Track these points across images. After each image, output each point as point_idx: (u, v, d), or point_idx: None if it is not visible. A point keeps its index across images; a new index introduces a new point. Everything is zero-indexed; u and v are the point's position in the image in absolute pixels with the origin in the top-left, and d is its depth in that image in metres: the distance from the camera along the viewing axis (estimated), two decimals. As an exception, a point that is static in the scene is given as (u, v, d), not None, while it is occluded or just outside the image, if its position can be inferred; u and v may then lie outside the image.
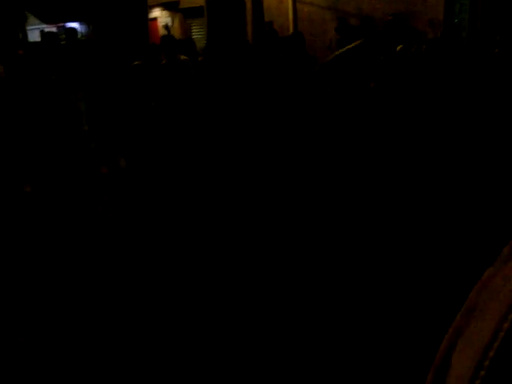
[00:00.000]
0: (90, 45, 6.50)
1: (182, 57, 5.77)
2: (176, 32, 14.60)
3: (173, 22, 15.58)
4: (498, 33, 7.27)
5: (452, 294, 3.26)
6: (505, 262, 0.41)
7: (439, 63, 5.20)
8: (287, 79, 4.93)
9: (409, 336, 3.18)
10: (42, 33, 8.02)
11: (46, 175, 4.45)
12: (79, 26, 14.69)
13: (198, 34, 14.54)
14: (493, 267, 0.43)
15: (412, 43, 7.04)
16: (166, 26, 14.72)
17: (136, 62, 5.42)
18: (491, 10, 9.12)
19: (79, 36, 11.32)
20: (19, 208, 4.26)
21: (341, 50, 5.13)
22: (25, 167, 4.37)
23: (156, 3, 14.85)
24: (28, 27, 14.45)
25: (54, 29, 14.39)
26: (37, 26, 15.86)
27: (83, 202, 4.25)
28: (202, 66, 5.82)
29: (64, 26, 12.97)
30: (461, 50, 5.88)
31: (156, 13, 15.65)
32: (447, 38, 5.68)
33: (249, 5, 11.80)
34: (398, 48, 7.13)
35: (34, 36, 15.18)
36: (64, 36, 7.05)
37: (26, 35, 13.29)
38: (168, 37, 6.89)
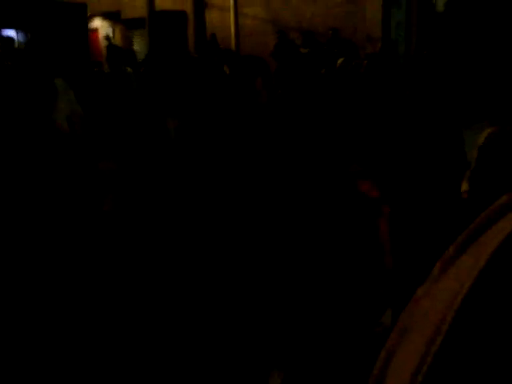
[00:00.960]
0: (28, 55, 6.33)
1: (128, 69, 5.69)
2: (117, 43, 14.40)
3: (114, 32, 15.37)
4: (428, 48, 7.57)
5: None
6: (434, 282, 0.41)
7: (377, 78, 5.34)
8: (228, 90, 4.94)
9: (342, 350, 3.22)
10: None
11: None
12: (16, 34, 14.27)
13: (139, 45, 14.38)
14: (423, 287, 0.43)
15: (352, 57, 7.22)
16: (107, 37, 14.49)
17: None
18: (426, 27, 9.49)
19: (16, 45, 10.99)
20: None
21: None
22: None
23: (97, 13, 14.60)
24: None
25: (-12, 37, 13.89)
26: (-30, 34, 15.29)
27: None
28: (144, 78, 5.75)
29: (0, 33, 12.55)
30: (397, 65, 6.06)
31: (97, 23, 15.38)
32: (385, 54, 5.85)
33: (191, 18, 11.80)
34: (339, 61, 7.29)
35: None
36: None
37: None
38: (113, 46, 6.78)
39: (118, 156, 4.76)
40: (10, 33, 13.47)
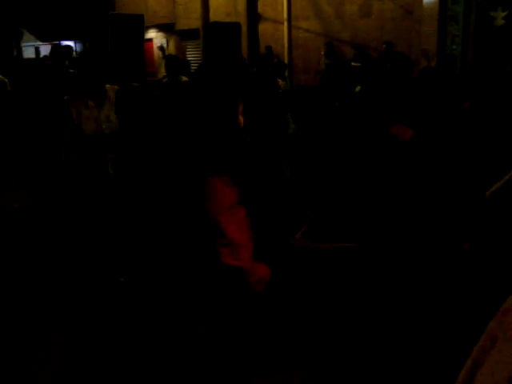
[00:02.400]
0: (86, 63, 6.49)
1: (184, 78, 5.78)
2: (171, 53, 14.69)
3: (168, 43, 15.68)
4: (490, 64, 7.37)
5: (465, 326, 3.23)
6: None
7: (433, 91, 5.23)
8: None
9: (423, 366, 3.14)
10: (54, 46, 8.02)
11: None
12: (74, 45, 14.75)
13: (192, 56, 14.63)
14: None
15: (402, 71, 7.11)
16: (161, 47, 14.80)
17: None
18: (482, 42, 9.28)
19: (74, 54, 11.35)
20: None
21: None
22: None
23: (152, 24, 14.95)
24: (23, 44, 14.48)
25: (48, 46, 14.40)
26: (32, 43, 15.89)
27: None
28: (199, 87, 5.81)
29: (59, 44, 13.01)
30: (455, 79, 5.93)
31: (151, 34, 15.74)
32: (442, 68, 5.73)
33: (244, 30, 11.92)
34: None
35: (28, 53, 15.21)
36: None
37: (20, 52, 13.32)
38: (171, 56, 6.90)
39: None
40: (68, 43, 13.95)
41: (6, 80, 5.05)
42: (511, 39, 8.70)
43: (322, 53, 10.92)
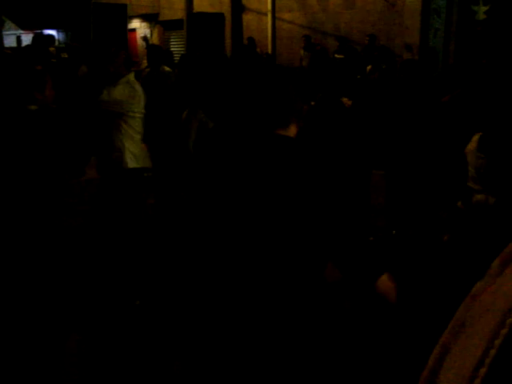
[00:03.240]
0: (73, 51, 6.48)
1: (166, 68, 5.77)
2: (154, 43, 14.60)
3: (152, 33, 15.57)
4: (471, 57, 7.46)
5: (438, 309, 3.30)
6: (494, 277, 0.41)
7: (414, 84, 5.29)
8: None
9: (393, 354, 3.20)
10: (36, 35, 7.94)
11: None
12: (57, 34, 14.60)
13: (176, 46, 14.55)
14: (482, 281, 0.42)
15: (381, 63, 7.16)
16: (145, 38, 14.68)
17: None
18: (464, 35, 9.37)
19: (56, 44, 11.23)
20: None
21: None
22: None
23: (135, 14, 14.83)
24: (4, 32, 14.27)
25: (30, 35, 14.22)
26: (13, 32, 15.69)
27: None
28: (179, 78, 5.82)
29: (41, 33, 12.85)
30: (437, 73, 6.00)
31: (135, 23, 15.61)
32: (424, 61, 5.79)
33: (228, 21, 11.88)
34: (368, 68, 7.25)
35: (9, 41, 15.00)
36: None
37: (1, 40, 13.13)
38: (153, 46, 6.86)
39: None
40: (51, 32, 13.79)
41: None
42: (492, 33, 8.80)
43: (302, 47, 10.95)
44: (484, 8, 9.13)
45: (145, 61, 7.26)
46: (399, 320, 3.32)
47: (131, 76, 4.18)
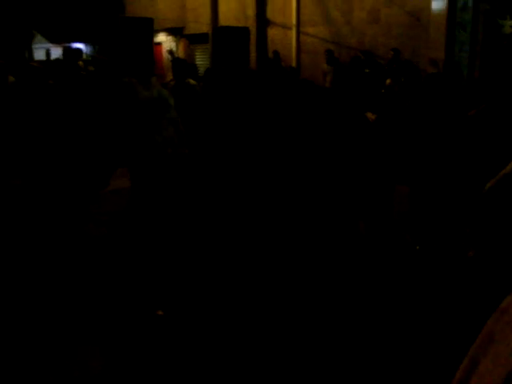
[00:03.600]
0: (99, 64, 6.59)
1: (191, 81, 5.84)
2: (180, 57, 14.75)
3: (177, 47, 15.76)
4: (497, 71, 7.38)
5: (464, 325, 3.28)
6: None
7: (439, 98, 5.25)
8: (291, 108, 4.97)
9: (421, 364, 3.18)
10: (65, 48, 8.10)
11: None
12: (84, 47, 14.86)
13: (201, 60, 14.70)
14: (511, 296, 0.42)
15: (401, 76, 7.13)
16: (171, 51, 14.87)
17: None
18: (490, 49, 9.28)
19: (84, 56, 11.44)
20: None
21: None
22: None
23: (161, 28, 15.03)
24: (34, 46, 14.58)
25: (59, 48, 14.51)
26: (43, 45, 16.02)
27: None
28: (204, 91, 5.88)
29: (70, 46, 13.11)
30: (461, 87, 5.94)
31: (161, 37, 15.83)
32: (449, 74, 5.75)
33: (253, 35, 11.97)
34: (388, 82, 7.22)
35: (39, 55, 15.33)
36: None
37: (31, 53, 13.42)
38: (178, 60, 6.95)
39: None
40: (79, 45, 14.05)
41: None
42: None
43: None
44: (511, 22, 9.05)
45: (170, 73, 7.35)
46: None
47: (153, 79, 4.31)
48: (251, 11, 12.97)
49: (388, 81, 7.11)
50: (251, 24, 12.51)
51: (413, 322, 3.68)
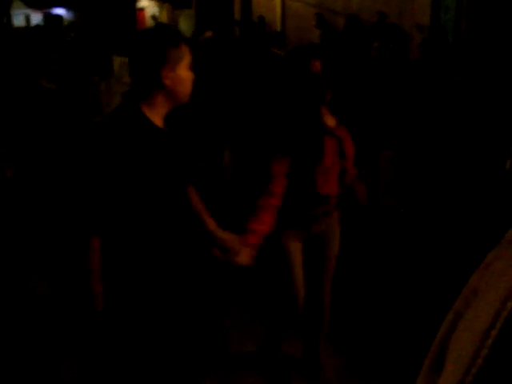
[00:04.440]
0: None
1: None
2: (163, 22, 14.48)
3: (160, 12, 15.47)
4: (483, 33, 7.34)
5: (450, 277, 3.36)
6: (507, 246, 0.43)
7: (424, 65, 5.25)
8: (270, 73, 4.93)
9: (406, 321, 3.27)
10: (47, 15, 7.89)
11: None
12: (65, 13, 14.51)
13: (185, 25, 14.45)
14: (495, 250, 0.45)
15: (389, 41, 7.06)
16: (154, 17, 14.60)
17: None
18: (476, 14, 9.23)
19: (65, 23, 11.18)
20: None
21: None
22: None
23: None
24: (13, 12, 14.22)
25: (39, 14, 14.16)
26: (22, 11, 15.62)
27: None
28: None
29: (50, 12, 12.79)
30: (446, 53, 5.93)
31: (144, 2, 15.51)
32: (433, 40, 5.73)
33: (237, -1, 11.78)
34: (375, 45, 7.15)
35: (18, 21, 14.95)
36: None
37: (10, 19, 13.10)
38: (162, 25, 6.84)
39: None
40: (59, 11, 13.73)
41: None
42: (505, 9, 8.67)
43: (314, 23, 10.84)
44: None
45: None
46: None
47: None
48: (235, -25, 12.74)
49: (375, 44, 7.05)
50: (235, -12, 12.29)
51: (399, 284, 3.77)
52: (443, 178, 4.61)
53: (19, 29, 11.41)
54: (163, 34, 1.92)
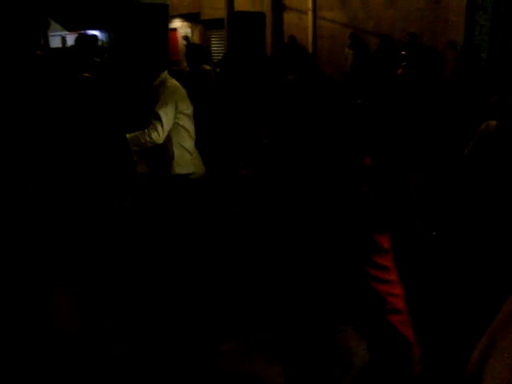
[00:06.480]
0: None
1: (206, 67, 5.81)
2: (194, 43, 14.70)
3: (192, 33, 15.71)
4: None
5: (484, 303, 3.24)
6: None
7: (457, 83, 5.16)
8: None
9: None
10: (79, 35, 8.08)
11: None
12: (100, 34, 14.85)
13: (217, 46, 14.64)
14: None
15: (418, 61, 7.01)
16: (186, 37, 14.83)
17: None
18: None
19: (99, 43, 11.45)
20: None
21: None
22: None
23: (176, 14, 14.98)
24: (50, 33, 14.63)
25: (75, 36, 14.52)
26: (58, 33, 16.07)
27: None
28: (220, 77, 5.85)
29: (85, 33, 13.10)
30: (479, 70, 5.84)
31: (176, 23, 15.78)
32: (466, 58, 5.65)
33: (269, 20, 11.87)
34: (402, 64, 7.11)
35: (55, 42, 15.38)
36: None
37: (47, 41, 13.46)
38: (194, 45, 6.92)
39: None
40: (95, 32, 14.05)
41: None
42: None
43: (348, 42, 10.85)
44: (533, 4, 8.84)
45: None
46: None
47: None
48: (267, -4, 12.86)
49: (403, 63, 7.00)
50: (267, 9, 12.40)
51: (430, 307, 3.65)
52: (477, 200, 4.49)
53: (55, 49, 11.70)
54: None
